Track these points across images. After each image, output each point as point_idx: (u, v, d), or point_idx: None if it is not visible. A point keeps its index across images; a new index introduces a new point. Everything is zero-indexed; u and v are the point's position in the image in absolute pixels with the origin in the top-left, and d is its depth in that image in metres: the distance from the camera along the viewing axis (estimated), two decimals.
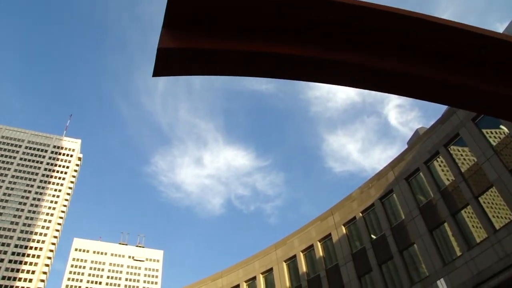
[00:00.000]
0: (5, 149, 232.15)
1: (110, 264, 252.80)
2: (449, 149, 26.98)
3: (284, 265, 35.73)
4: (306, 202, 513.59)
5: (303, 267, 34.17)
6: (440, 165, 27.58)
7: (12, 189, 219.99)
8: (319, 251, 33.40)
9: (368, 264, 29.27)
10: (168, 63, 3.72)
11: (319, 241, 33.87)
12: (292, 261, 35.48)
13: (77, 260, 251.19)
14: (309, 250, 34.50)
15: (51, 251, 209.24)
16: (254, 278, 37.64)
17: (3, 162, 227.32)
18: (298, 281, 34.04)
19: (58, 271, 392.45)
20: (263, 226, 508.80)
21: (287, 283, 34.62)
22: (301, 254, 34.82)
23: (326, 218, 34.03)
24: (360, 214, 31.49)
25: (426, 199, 27.58)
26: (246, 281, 38.05)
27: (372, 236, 30.16)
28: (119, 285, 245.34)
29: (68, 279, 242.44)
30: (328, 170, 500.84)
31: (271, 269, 36.69)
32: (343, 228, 32.31)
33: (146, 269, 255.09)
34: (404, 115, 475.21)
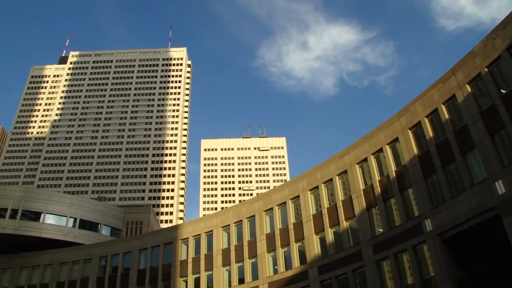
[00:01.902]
0: (122, 72, 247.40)
1: (239, 158, 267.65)
2: None
3: (410, 133, 35.42)
4: (421, 68, 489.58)
5: (429, 132, 33.64)
6: None
7: (137, 106, 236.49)
8: (445, 114, 32.48)
9: (500, 121, 27.97)
10: None
11: (443, 104, 32.79)
12: (417, 128, 35.02)
13: (208, 159, 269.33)
14: (433, 114, 33.66)
15: (184, 155, 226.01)
16: (380, 150, 38.00)
17: (124, 83, 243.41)
18: (426, 147, 33.78)
19: (194, 172, 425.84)
20: (379, 99, 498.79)
21: (415, 150, 34.53)
22: (426, 120, 34.14)
23: (448, 79, 32.52)
24: (486, 69, 29.54)
25: None
26: (373, 154, 38.61)
27: (502, 91, 28.46)
28: (250, 175, 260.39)
29: (204, 177, 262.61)
30: (441, 30, 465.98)
31: (396, 139, 36.62)
32: (468, 86, 30.76)
33: (272, 157, 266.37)
34: None
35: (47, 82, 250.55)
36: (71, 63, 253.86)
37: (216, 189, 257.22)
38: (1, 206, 59.65)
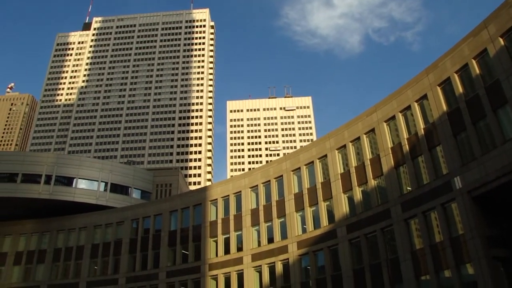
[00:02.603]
0: (145, 35, 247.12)
1: (265, 118, 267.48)
2: None
3: (438, 89, 34.67)
4: (449, 23, 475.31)
5: (459, 88, 32.82)
6: None
7: (161, 69, 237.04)
8: (475, 69, 31.55)
9: None
10: None
11: (474, 59, 31.83)
12: (446, 84, 34.23)
13: (234, 120, 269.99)
14: (463, 70, 32.76)
15: (210, 117, 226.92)
16: (408, 108, 37.40)
17: (147, 47, 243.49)
18: (455, 103, 33.06)
19: (220, 134, 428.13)
20: (406, 55, 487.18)
21: (444, 107, 33.85)
22: (455, 76, 33.29)
23: (479, 33, 31.41)
24: None
25: None
26: (401, 111, 38.04)
27: None
28: (276, 135, 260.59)
29: (230, 138, 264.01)
30: None
31: (425, 96, 35.92)
32: (501, 40, 29.65)
33: (298, 117, 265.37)
34: None
35: (72, 49, 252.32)
36: (94, 29, 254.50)
37: (243, 150, 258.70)
38: (36, 173, 61.36)
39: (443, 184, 32.51)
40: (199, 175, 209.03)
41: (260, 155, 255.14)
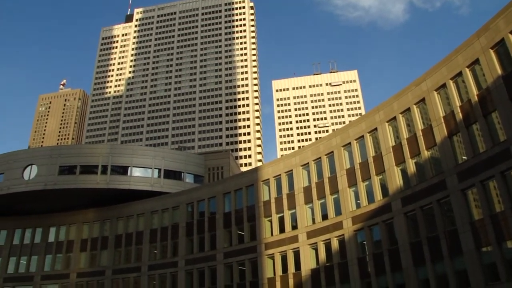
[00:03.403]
0: (186, 22, 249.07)
1: (311, 95, 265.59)
2: None
3: (491, 52, 33.17)
4: None
5: None
6: None
7: (205, 54, 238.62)
8: None
9: None
10: None
11: None
12: (500, 46, 32.68)
13: (281, 99, 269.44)
14: None
15: (256, 97, 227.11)
16: (459, 74, 36.07)
17: (189, 33, 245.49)
18: (510, 65, 31.61)
19: (267, 114, 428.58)
20: (454, 20, 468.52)
21: (499, 71, 32.40)
22: (510, 36, 31.72)
23: None
24: None
25: None
26: (451, 79, 36.77)
27: None
28: (324, 112, 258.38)
29: (278, 117, 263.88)
30: None
31: (476, 61, 34.47)
32: None
33: (345, 91, 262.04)
34: None
35: (117, 42, 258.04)
36: (136, 20, 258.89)
37: (291, 128, 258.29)
38: (92, 164, 63.59)
39: (501, 152, 31.31)
40: (250, 156, 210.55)
41: (309, 133, 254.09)
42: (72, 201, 66.39)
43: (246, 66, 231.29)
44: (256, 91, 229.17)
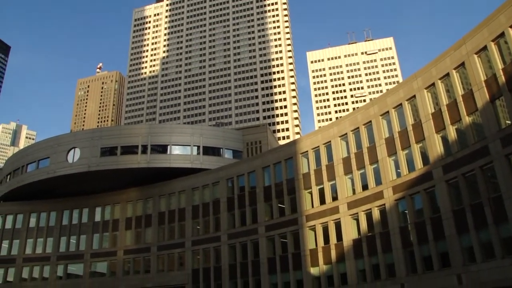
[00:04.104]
0: None
1: (347, 65, 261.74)
2: None
3: None
4: None
5: None
6: None
7: (237, 29, 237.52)
8: None
9: None
10: None
11: None
12: None
13: (316, 71, 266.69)
14: None
15: (291, 70, 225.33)
16: (502, 35, 34.64)
17: (221, 9, 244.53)
18: None
19: (303, 86, 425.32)
20: None
21: None
22: None
23: None
24: None
25: None
26: (493, 40, 35.43)
27: None
28: (360, 81, 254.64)
29: (314, 89, 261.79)
30: None
31: None
32: None
33: (381, 59, 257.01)
34: None
35: (149, 22, 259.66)
36: None
37: (328, 100, 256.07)
38: (133, 144, 64.89)
39: None
40: (287, 129, 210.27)
41: (346, 103, 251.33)
42: (114, 181, 68.22)
43: (279, 38, 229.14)
44: (290, 63, 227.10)
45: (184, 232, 62.38)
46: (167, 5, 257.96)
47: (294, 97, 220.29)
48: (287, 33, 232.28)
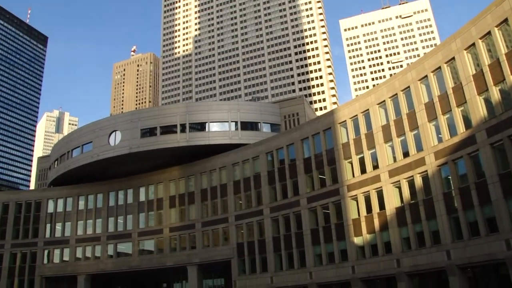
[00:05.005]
0: None
1: (381, 30, 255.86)
2: None
3: None
4: None
5: None
6: None
7: (268, 2, 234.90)
8: None
9: None
10: None
11: None
12: None
13: (350, 38, 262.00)
14: None
15: (325, 39, 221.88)
16: None
17: None
18: None
19: (338, 55, 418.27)
20: None
21: None
22: None
23: None
24: None
25: None
26: None
27: None
28: (396, 46, 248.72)
29: (349, 57, 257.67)
30: None
31: None
32: None
33: (417, 22, 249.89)
34: None
35: (180, 1, 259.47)
36: None
37: (364, 67, 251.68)
38: (171, 124, 65.72)
39: None
40: (324, 100, 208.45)
41: (383, 70, 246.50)
42: (155, 161, 69.50)
43: (311, 8, 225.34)
44: (324, 33, 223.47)
45: (226, 207, 63.28)
46: None
47: (329, 66, 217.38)
48: (318, 1, 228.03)
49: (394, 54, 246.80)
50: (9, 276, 73.74)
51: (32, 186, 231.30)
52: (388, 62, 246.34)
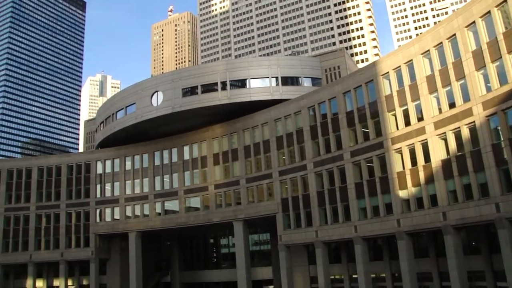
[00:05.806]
0: None
1: None
2: None
3: None
4: None
5: None
6: None
7: None
8: None
9: None
10: None
11: None
12: None
13: None
14: None
15: None
16: None
17: None
18: None
19: (379, 4, 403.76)
20: None
21: None
22: None
23: None
24: None
25: None
26: None
27: None
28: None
29: (391, 6, 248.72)
30: None
31: None
32: None
33: None
34: None
35: None
36: None
37: (406, 16, 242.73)
38: (212, 82, 65.76)
39: None
40: (365, 51, 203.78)
41: (426, 18, 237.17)
42: (197, 120, 70.14)
43: None
44: None
45: (270, 163, 63.70)
46: None
47: (370, 17, 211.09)
48: None
49: (439, 0, 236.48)
50: (67, 233, 78.71)
51: (81, 148, 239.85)
52: (432, 9, 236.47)
